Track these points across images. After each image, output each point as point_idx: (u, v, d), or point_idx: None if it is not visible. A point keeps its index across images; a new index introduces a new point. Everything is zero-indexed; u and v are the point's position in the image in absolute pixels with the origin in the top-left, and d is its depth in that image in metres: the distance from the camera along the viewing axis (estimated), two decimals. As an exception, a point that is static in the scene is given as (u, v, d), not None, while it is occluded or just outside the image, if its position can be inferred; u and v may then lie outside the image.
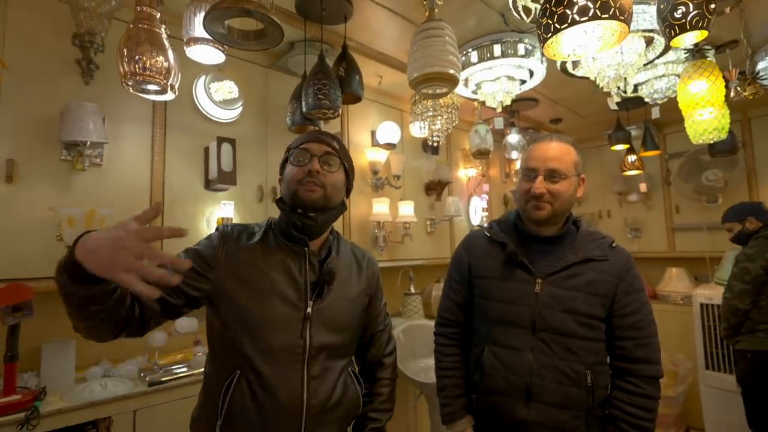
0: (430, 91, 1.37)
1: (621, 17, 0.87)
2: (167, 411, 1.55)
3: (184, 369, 1.67)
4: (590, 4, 0.85)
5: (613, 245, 1.10)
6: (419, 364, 2.44)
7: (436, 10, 1.39)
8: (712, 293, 2.76)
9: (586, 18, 0.86)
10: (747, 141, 3.18)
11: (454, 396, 1.17)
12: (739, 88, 1.98)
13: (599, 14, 0.85)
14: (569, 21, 0.88)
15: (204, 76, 1.88)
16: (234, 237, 0.95)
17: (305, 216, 0.94)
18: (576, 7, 0.86)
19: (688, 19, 1.35)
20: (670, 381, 2.96)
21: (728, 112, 2.02)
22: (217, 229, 0.98)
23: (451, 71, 1.29)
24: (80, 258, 0.64)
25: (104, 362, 1.69)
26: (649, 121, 3.11)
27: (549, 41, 0.94)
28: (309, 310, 0.92)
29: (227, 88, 1.95)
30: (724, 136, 2.03)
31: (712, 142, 2.05)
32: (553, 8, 0.90)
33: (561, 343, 1.03)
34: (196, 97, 1.88)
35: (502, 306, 1.10)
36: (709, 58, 2.05)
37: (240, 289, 0.90)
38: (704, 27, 1.38)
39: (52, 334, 1.61)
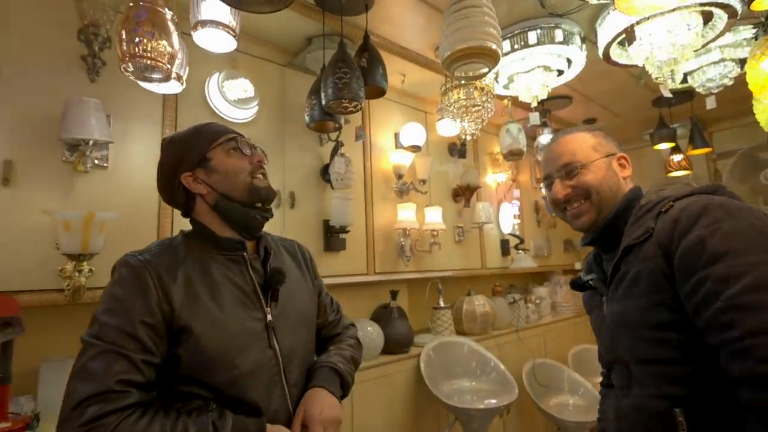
0: (465, 73, 1.20)
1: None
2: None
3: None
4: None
5: (665, 210, 0.75)
6: (452, 386, 2.20)
7: (470, -18, 1.22)
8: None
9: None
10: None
11: None
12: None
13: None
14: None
15: (217, 74, 1.77)
16: (154, 266, 0.76)
17: (265, 210, 0.88)
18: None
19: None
20: None
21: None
22: (124, 266, 0.76)
23: (493, 45, 1.12)
24: None
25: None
26: (696, 117, 2.86)
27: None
28: (269, 317, 0.83)
29: (242, 87, 1.83)
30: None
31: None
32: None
33: (639, 373, 0.79)
34: (209, 96, 1.76)
35: (599, 342, 0.95)
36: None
37: (190, 321, 0.74)
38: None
39: (52, 353, 1.47)
